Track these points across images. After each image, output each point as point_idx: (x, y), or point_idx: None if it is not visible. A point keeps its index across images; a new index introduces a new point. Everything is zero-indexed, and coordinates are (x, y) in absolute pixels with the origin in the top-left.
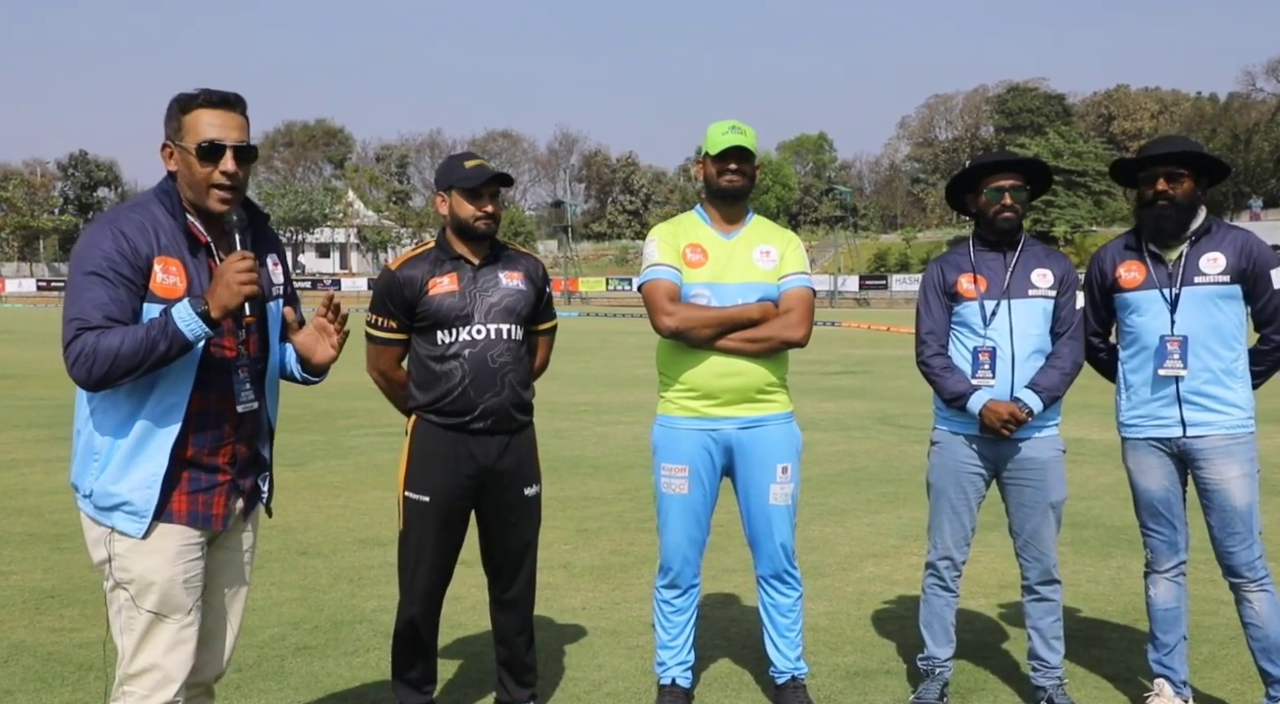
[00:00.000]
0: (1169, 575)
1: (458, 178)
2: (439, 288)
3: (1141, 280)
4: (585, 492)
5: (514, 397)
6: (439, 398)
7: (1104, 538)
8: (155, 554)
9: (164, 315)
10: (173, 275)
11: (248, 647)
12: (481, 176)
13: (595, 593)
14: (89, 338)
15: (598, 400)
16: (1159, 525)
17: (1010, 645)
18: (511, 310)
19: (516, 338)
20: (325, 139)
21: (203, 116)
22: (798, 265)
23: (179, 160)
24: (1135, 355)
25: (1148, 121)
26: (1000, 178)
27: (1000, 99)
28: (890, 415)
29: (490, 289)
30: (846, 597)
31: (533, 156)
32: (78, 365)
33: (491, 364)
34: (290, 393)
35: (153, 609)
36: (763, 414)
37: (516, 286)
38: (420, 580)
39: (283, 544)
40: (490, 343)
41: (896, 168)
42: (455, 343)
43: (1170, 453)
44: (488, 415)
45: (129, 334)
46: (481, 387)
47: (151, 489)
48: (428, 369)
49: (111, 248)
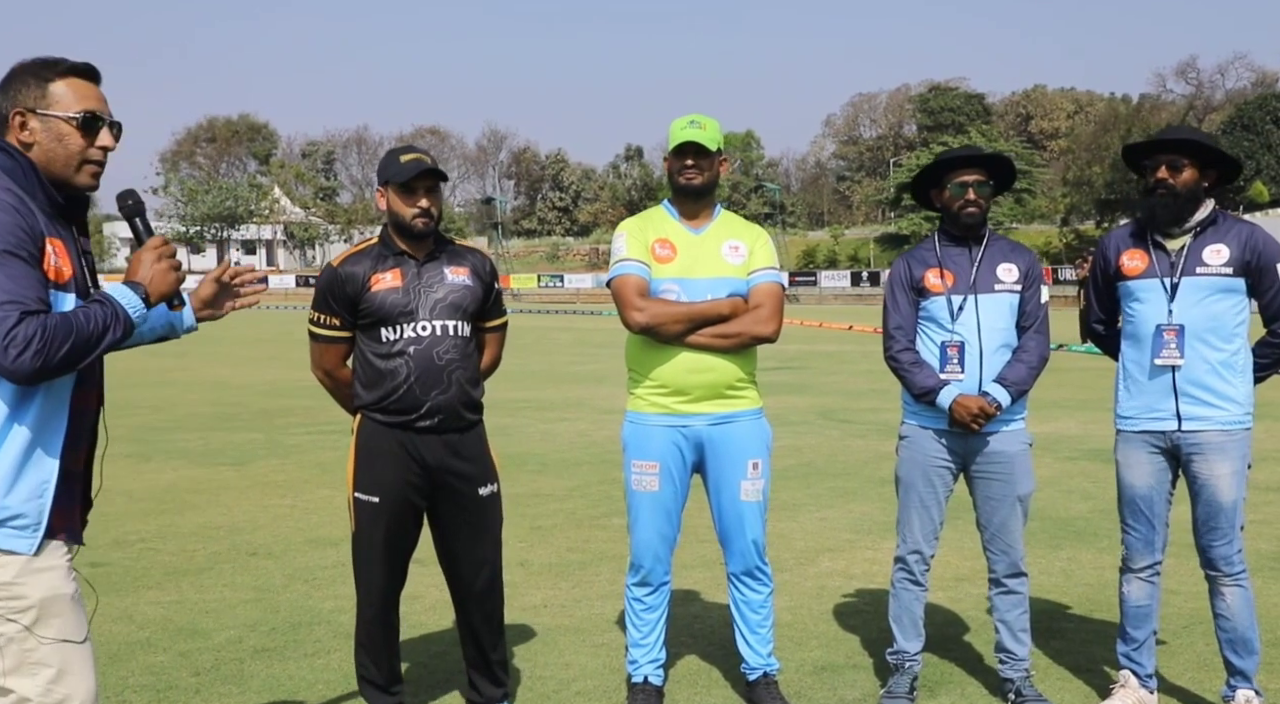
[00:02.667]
0: (1143, 575)
1: (392, 173)
2: (382, 284)
3: (1143, 269)
4: (536, 488)
5: (462, 394)
6: (384, 396)
7: (1051, 530)
8: (49, 572)
9: (105, 299)
10: (60, 258)
11: (205, 650)
12: (413, 171)
13: (555, 591)
14: (36, 322)
15: (539, 397)
16: (1138, 523)
17: (972, 638)
18: (458, 306)
19: (463, 334)
20: (249, 135)
21: (77, 86)
22: (767, 260)
23: (40, 131)
24: (1134, 345)
25: (1064, 121)
26: (964, 173)
27: (923, 98)
28: (831, 410)
29: (435, 285)
30: (806, 592)
31: (461, 153)
32: (30, 351)
33: (438, 361)
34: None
35: (59, 636)
36: (733, 410)
37: (463, 282)
38: (375, 582)
39: (231, 545)
40: (436, 339)
41: (823, 165)
42: (400, 340)
43: (1163, 449)
44: (434, 413)
45: (76, 318)
46: (428, 384)
47: (43, 499)
48: (372, 367)
49: (12, 223)
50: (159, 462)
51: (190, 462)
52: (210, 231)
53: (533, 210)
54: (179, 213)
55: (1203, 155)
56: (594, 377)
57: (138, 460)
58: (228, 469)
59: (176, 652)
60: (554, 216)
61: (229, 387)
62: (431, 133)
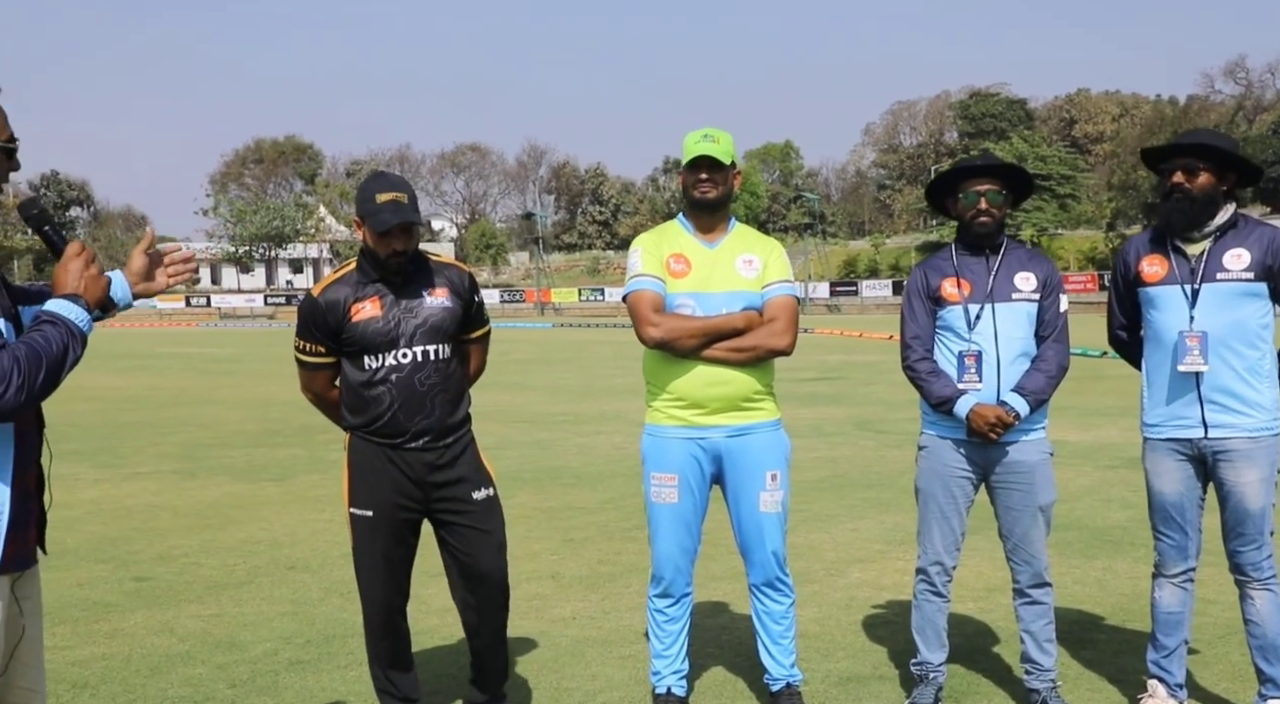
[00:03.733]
0: (1176, 581)
1: (366, 212)
2: (362, 313)
3: (1163, 275)
4: (569, 502)
5: (445, 416)
6: (370, 421)
7: (1087, 539)
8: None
9: (54, 319)
10: None
11: (242, 662)
12: (387, 222)
13: (585, 603)
14: (5, 356)
15: (576, 411)
16: (1170, 530)
17: (1001, 649)
18: (438, 329)
19: (444, 357)
20: (295, 155)
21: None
22: (781, 274)
23: None
24: (1156, 351)
25: (1109, 125)
26: (977, 182)
27: (963, 105)
28: (868, 421)
29: (415, 309)
30: (835, 602)
31: (502, 169)
32: (12, 386)
33: (420, 387)
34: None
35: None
36: (750, 422)
37: (442, 304)
38: (377, 594)
39: (271, 559)
40: (417, 366)
41: (863, 174)
42: (382, 368)
43: (1191, 456)
44: (420, 435)
45: (37, 344)
46: (411, 410)
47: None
48: (356, 394)
49: None
50: (204, 478)
51: (234, 477)
52: (258, 251)
53: (573, 224)
54: (228, 233)
55: (1219, 159)
56: (631, 390)
57: (184, 477)
58: (270, 484)
59: (214, 664)
60: (594, 230)
61: (274, 403)
62: (472, 150)
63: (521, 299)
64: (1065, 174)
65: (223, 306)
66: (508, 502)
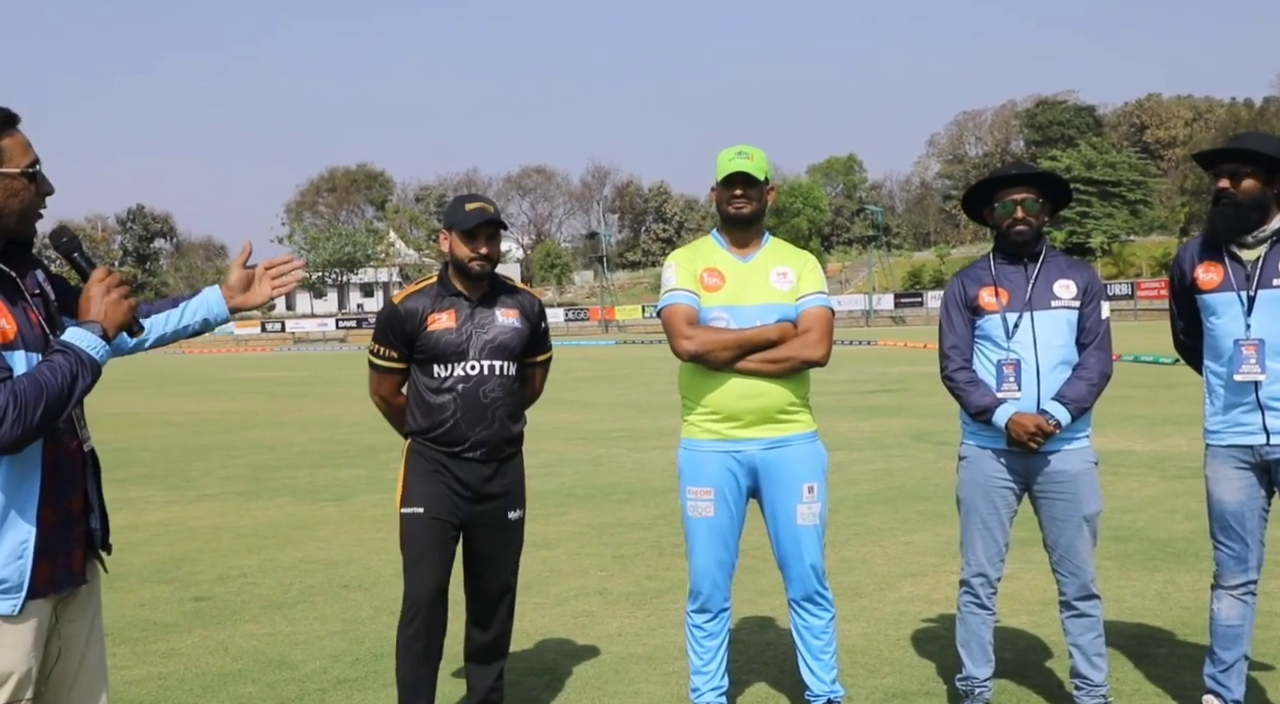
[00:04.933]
0: (1235, 592)
1: (455, 220)
2: (437, 323)
3: (1219, 282)
4: (621, 518)
5: (504, 430)
6: (433, 427)
7: (1149, 551)
8: (14, 648)
9: (66, 348)
10: (1, 318)
11: (291, 680)
12: (474, 220)
13: (631, 619)
14: (4, 391)
15: (635, 426)
16: (1229, 540)
17: (1054, 664)
18: (506, 347)
19: (509, 374)
20: (366, 183)
21: (18, 139)
22: (815, 285)
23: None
24: (1215, 359)
25: (1181, 129)
26: (1013, 191)
27: (1030, 113)
28: (927, 432)
29: (487, 326)
30: (884, 617)
31: (566, 190)
32: (8, 422)
33: (483, 399)
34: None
35: (6, 700)
36: (786, 434)
37: (512, 324)
38: (422, 588)
39: (326, 578)
40: (483, 379)
41: (927, 185)
42: (450, 377)
43: (1253, 464)
44: (478, 446)
45: (42, 376)
46: (472, 420)
47: (24, 559)
48: (423, 400)
49: None
50: (266, 499)
51: (295, 498)
52: (331, 276)
53: (637, 243)
54: (302, 259)
55: (1266, 163)
56: None
57: (247, 499)
58: (329, 505)
59: (265, 683)
60: (658, 248)
61: (340, 425)
62: (537, 172)
63: (586, 317)
64: (1135, 180)
65: (296, 331)
66: (559, 519)
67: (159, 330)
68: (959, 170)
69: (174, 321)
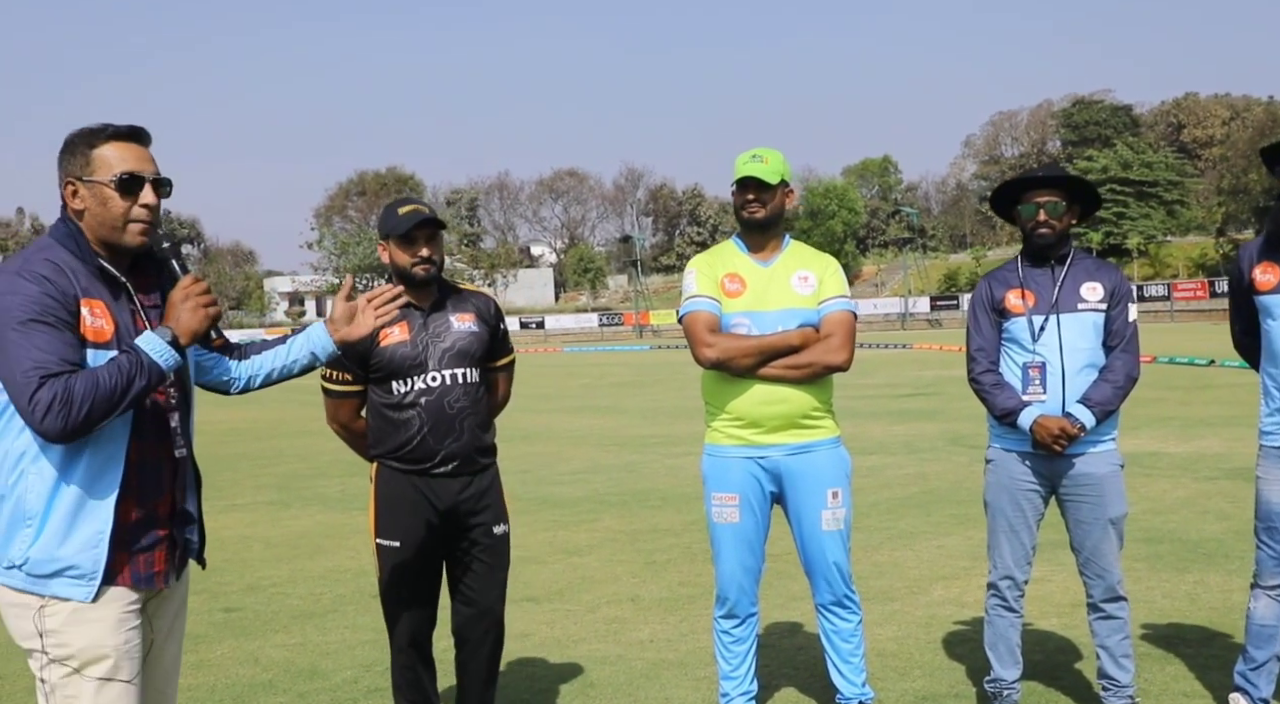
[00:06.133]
0: (1272, 592)
1: (390, 226)
2: (390, 338)
3: (1275, 283)
4: (654, 524)
5: (474, 440)
6: (399, 446)
7: (1180, 552)
8: (97, 624)
9: (131, 350)
10: (99, 318)
11: (322, 690)
12: (408, 223)
13: (663, 625)
14: (58, 384)
15: (669, 432)
16: (1273, 540)
17: (1083, 666)
18: (465, 353)
19: (473, 381)
20: (397, 186)
21: (115, 149)
22: (837, 289)
23: (89, 197)
24: (1271, 360)
25: (1219, 128)
26: (1038, 193)
27: (1066, 113)
28: (961, 436)
29: (442, 334)
30: (915, 621)
31: (600, 193)
32: (51, 414)
33: (449, 410)
34: None
35: (103, 675)
36: (810, 440)
37: (469, 328)
38: (403, 625)
39: (356, 587)
40: (446, 389)
41: (963, 187)
42: (411, 392)
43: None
44: (449, 460)
45: (100, 374)
46: (441, 433)
47: (99, 549)
48: (385, 418)
49: (39, 292)
50: (297, 508)
51: (326, 507)
52: (361, 282)
53: (671, 246)
54: (332, 265)
55: None
56: None
57: (278, 508)
58: (360, 514)
59: (296, 693)
60: (692, 251)
61: None
62: (570, 175)
63: (620, 322)
64: (1172, 180)
65: None
66: (592, 525)
67: (266, 368)
68: (995, 171)
69: (281, 358)
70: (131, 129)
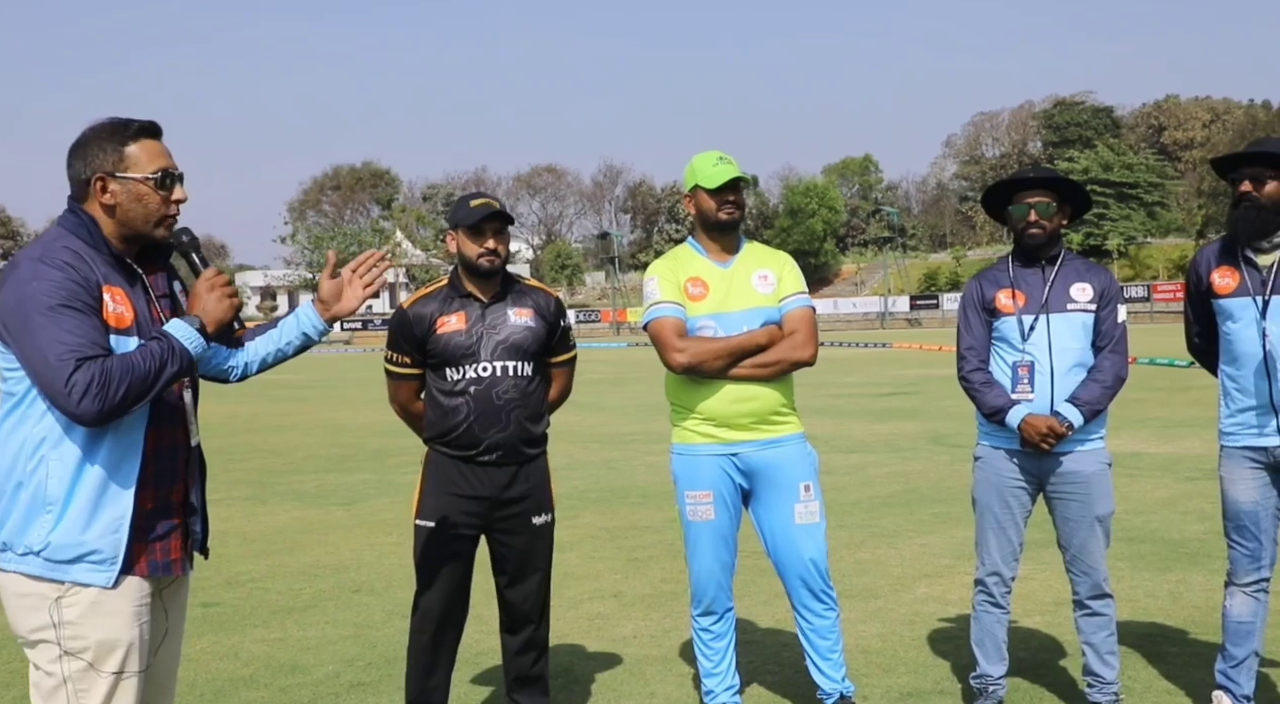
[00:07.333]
0: (1248, 590)
1: (461, 217)
2: (446, 326)
3: (1235, 287)
4: (635, 521)
5: (520, 432)
6: (447, 431)
7: (1162, 552)
8: (115, 616)
9: (162, 336)
10: (120, 304)
11: (304, 685)
12: (479, 215)
13: (646, 622)
14: (94, 366)
15: (647, 429)
16: (1243, 538)
17: (1067, 663)
18: (519, 347)
19: (525, 374)
20: (372, 181)
21: (149, 146)
22: (796, 286)
23: (121, 193)
24: (1231, 362)
25: (1199, 131)
26: (1028, 194)
27: (1047, 114)
28: (942, 435)
29: (498, 326)
30: (899, 618)
31: (577, 189)
32: (89, 396)
33: (496, 401)
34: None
35: (115, 669)
36: (779, 435)
37: (525, 323)
38: (431, 605)
39: (336, 583)
40: (495, 380)
41: (944, 187)
42: (462, 380)
43: (1267, 464)
44: (494, 449)
45: (134, 358)
46: (486, 423)
47: (119, 533)
48: (438, 404)
49: (64, 278)
50: (274, 504)
51: (303, 503)
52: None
53: (649, 243)
54: (305, 259)
55: None
56: None
57: (254, 503)
58: (338, 509)
59: (277, 688)
60: (671, 248)
61: (347, 429)
62: (548, 171)
63: (597, 319)
64: (1153, 182)
65: None
66: (573, 522)
67: (262, 353)
68: (975, 171)
69: (274, 342)
70: (154, 124)
